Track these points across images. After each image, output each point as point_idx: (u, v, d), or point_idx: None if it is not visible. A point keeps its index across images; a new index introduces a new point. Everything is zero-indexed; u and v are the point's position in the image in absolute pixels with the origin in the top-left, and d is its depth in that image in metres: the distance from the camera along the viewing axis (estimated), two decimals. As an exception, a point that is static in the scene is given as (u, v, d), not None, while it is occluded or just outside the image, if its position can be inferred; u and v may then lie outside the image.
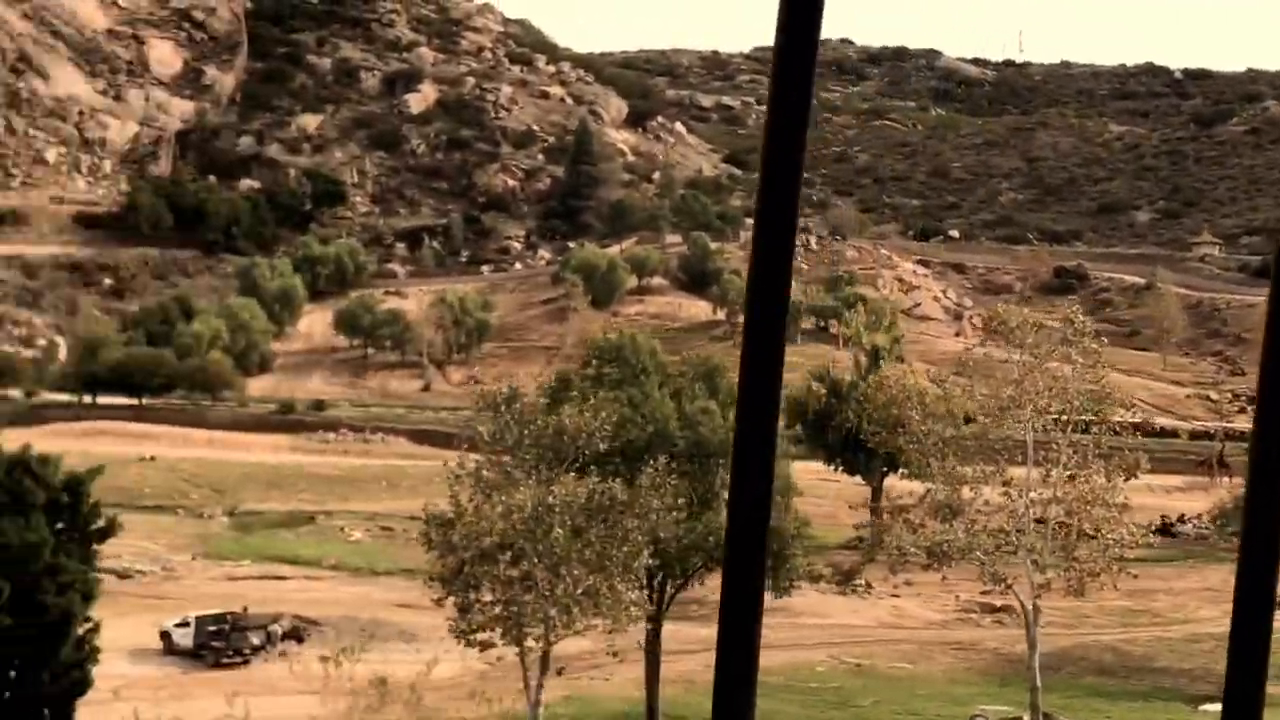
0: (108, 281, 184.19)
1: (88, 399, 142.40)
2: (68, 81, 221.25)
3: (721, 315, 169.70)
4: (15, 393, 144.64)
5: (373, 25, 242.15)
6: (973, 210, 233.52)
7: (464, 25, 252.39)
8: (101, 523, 38.81)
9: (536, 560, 39.84)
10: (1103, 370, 55.88)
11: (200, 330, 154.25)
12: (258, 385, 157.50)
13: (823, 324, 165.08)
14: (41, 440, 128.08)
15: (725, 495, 49.86)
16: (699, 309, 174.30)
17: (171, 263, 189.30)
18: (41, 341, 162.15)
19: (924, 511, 54.72)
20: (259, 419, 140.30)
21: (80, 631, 38.04)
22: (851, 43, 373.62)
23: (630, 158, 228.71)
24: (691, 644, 65.15)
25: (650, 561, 43.10)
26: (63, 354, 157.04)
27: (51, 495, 37.58)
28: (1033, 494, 54.82)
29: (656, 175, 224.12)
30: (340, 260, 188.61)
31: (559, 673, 43.38)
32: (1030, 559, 54.47)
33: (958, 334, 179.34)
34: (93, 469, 39.89)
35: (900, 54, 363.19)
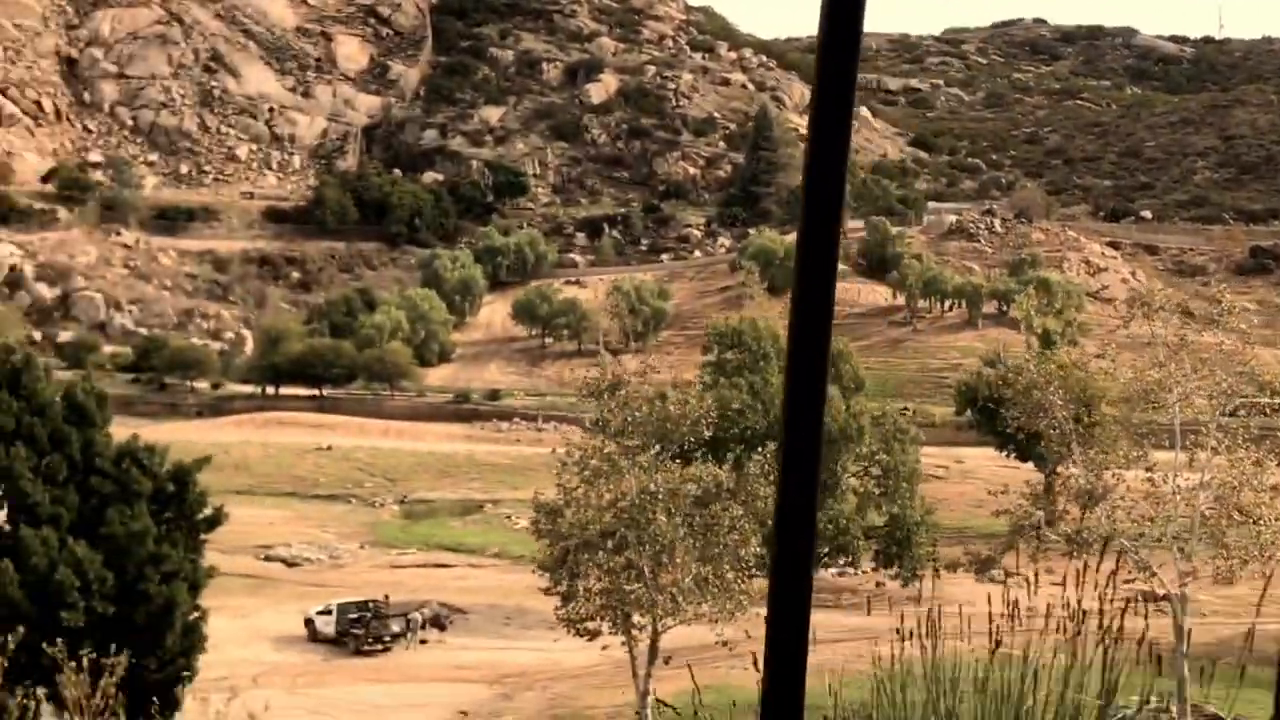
0: (295, 275, 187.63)
1: (271, 390, 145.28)
2: (258, 79, 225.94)
3: (900, 300, 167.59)
4: (203, 384, 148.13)
5: (554, 16, 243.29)
6: (1166, 190, 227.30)
7: (645, 14, 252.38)
8: (208, 512, 39.00)
9: (641, 549, 39.28)
10: (1250, 353, 53.62)
11: (381, 321, 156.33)
12: (437, 375, 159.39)
13: (1005, 309, 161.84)
14: (223, 431, 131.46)
15: (846, 482, 49.26)
16: (878, 294, 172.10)
17: (357, 255, 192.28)
18: (229, 334, 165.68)
19: (1066, 498, 53.00)
20: (435, 408, 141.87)
21: (188, 620, 38.27)
22: (1045, 22, 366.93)
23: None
24: (837, 632, 64.20)
25: (759, 550, 42.24)
26: (249, 346, 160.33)
27: (158, 485, 37.87)
28: (1179, 479, 52.91)
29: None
30: (521, 251, 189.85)
31: (666, 661, 42.68)
32: (1176, 545, 52.55)
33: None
34: (199, 459, 40.08)
35: (1095, 33, 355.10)
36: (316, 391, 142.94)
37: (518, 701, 54.25)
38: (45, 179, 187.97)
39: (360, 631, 61.01)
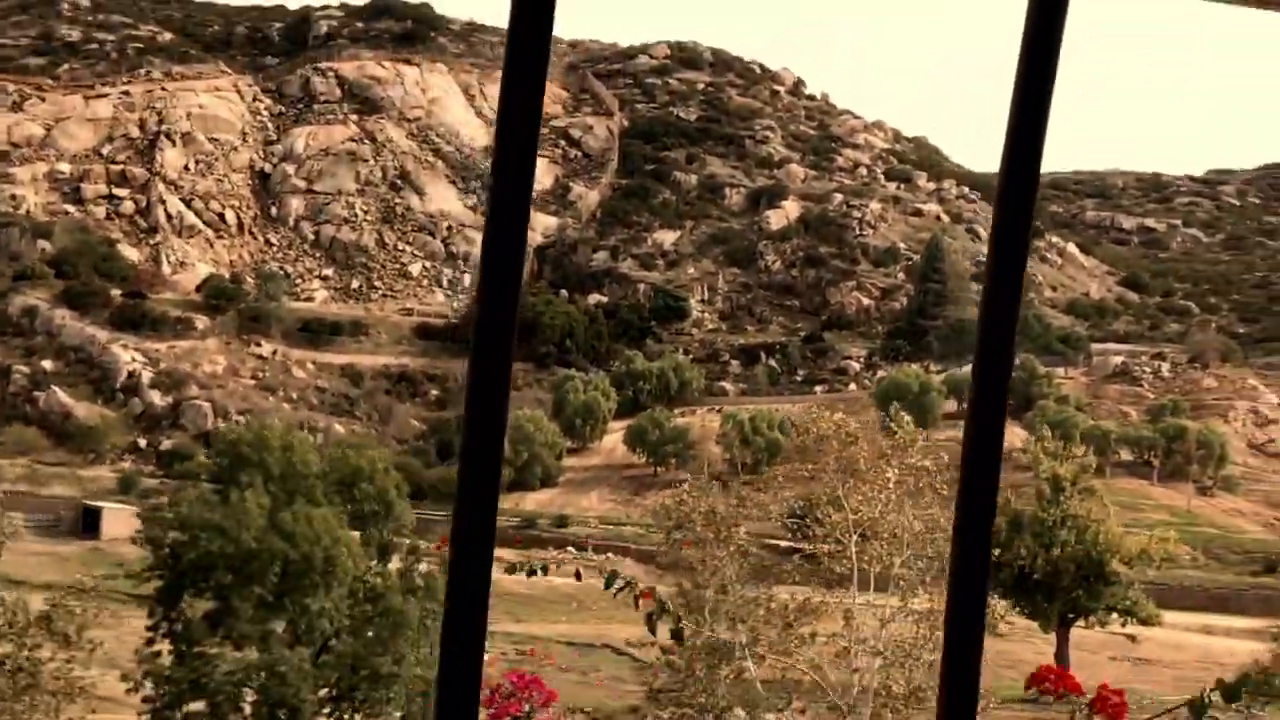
0: (434, 392, 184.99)
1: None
2: (440, 198, 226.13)
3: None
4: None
5: (746, 142, 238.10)
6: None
7: (844, 142, 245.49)
8: None
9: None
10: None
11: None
12: (536, 499, 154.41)
13: (1145, 458, 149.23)
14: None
15: (303, 624, 41.97)
16: (1014, 436, 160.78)
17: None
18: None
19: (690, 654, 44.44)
20: (500, 533, 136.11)
21: None
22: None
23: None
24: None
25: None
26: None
27: None
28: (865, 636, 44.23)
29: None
30: (664, 376, 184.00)
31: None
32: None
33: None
34: None
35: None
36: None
37: None
38: (199, 288, 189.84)
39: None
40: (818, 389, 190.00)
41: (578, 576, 15.00)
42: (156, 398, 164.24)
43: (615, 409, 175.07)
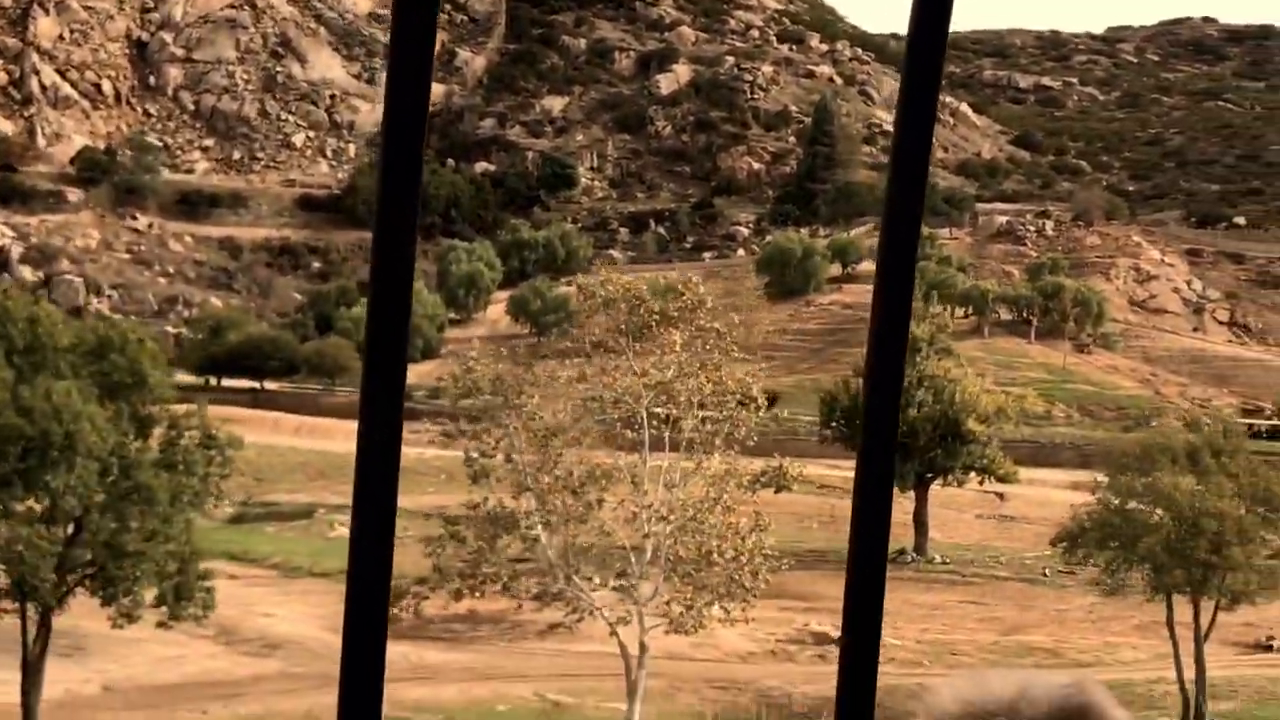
0: (316, 264, 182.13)
1: (215, 382, 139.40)
2: (324, 66, 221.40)
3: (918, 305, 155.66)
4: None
5: (635, 4, 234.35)
6: (1275, 196, 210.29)
7: (736, 3, 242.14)
8: None
9: None
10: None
11: (359, 314, 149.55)
12: (417, 371, 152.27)
13: (1024, 315, 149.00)
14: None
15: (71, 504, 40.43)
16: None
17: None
18: (210, 324, 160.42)
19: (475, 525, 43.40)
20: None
21: None
22: (1214, 21, 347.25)
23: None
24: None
25: None
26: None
27: None
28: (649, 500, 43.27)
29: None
30: (550, 245, 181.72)
31: None
32: (622, 583, 43.13)
33: (1196, 329, 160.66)
34: None
35: (1266, 33, 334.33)
36: (257, 384, 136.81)
37: None
38: (72, 161, 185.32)
39: None
40: (706, 256, 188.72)
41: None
42: (27, 273, 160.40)
43: (501, 279, 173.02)
